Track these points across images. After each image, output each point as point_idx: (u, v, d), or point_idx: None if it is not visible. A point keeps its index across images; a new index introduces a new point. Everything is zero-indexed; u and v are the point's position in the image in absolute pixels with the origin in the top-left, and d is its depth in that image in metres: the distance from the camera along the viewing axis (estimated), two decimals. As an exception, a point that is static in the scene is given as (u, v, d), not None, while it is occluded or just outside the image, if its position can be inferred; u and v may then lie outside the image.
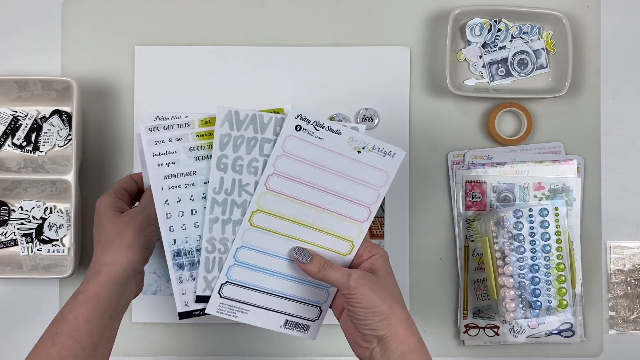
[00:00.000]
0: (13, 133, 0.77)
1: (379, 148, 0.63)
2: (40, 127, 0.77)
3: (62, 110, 0.77)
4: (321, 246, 0.63)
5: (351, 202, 0.63)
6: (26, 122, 0.77)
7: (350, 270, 0.59)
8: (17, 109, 0.77)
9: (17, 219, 0.77)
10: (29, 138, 0.77)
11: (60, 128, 0.77)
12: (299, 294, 0.64)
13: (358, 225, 0.64)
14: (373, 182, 0.63)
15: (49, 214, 0.78)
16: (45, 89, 0.75)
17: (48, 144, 0.77)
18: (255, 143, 0.62)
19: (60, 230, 0.78)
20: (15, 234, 0.77)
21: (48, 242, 0.77)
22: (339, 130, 0.62)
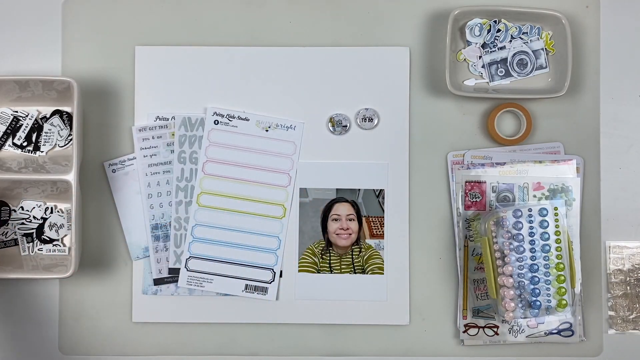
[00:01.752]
0: (14, 133, 0.77)
1: (282, 124, 0.78)
2: (41, 127, 0.77)
3: (63, 111, 0.78)
4: (259, 214, 0.78)
5: (272, 171, 0.78)
6: (27, 122, 0.77)
7: None
8: (18, 109, 0.77)
9: (18, 218, 0.78)
10: (30, 138, 0.77)
11: (60, 128, 0.77)
12: (252, 260, 0.78)
13: (284, 190, 0.78)
14: (285, 152, 0.78)
15: (49, 213, 0.78)
16: (46, 89, 0.75)
17: (49, 144, 0.77)
18: (201, 139, 0.78)
19: (60, 230, 0.78)
20: (15, 234, 0.77)
21: (49, 242, 0.78)
22: (247, 117, 0.78)
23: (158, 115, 0.78)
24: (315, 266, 0.78)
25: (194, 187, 0.78)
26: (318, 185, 0.78)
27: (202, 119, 0.78)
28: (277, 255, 0.78)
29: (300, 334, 0.79)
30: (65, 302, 0.79)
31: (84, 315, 0.79)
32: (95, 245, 0.78)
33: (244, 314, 0.78)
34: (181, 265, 0.77)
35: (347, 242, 0.78)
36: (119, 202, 0.78)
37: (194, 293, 0.78)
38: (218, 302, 0.78)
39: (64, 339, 0.79)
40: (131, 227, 0.78)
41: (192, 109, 0.79)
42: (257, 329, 0.79)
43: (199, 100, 0.79)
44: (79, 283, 0.79)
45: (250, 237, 0.78)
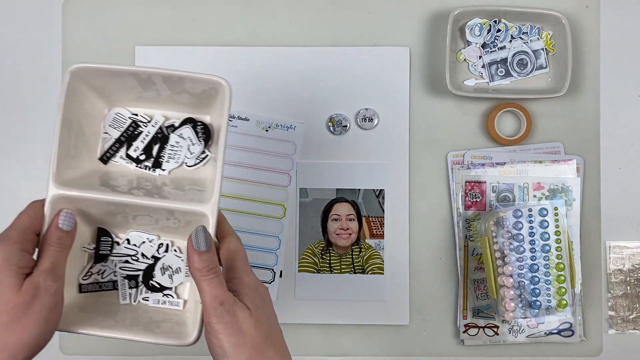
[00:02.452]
0: (129, 142, 0.58)
1: (282, 124, 0.77)
2: (166, 138, 0.58)
3: (197, 120, 0.59)
4: (259, 214, 0.77)
5: (272, 171, 0.78)
6: (148, 130, 0.58)
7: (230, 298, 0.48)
8: (139, 112, 0.59)
9: (122, 254, 0.58)
10: (150, 150, 0.58)
11: (192, 143, 0.58)
12: (252, 260, 0.74)
13: (284, 190, 0.78)
14: (285, 152, 0.78)
15: (163, 252, 0.58)
16: (175, 90, 0.56)
17: (174, 161, 0.58)
18: None
19: (175, 276, 0.58)
20: (115, 274, 0.58)
21: (158, 290, 0.58)
22: (247, 117, 0.77)
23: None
24: (315, 266, 0.78)
25: None
26: (318, 185, 0.78)
27: None
28: (277, 255, 0.78)
29: (300, 334, 0.79)
30: (65, 302, 0.79)
31: (84, 315, 0.79)
32: (95, 245, 0.78)
33: (244, 314, 0.78)
34: None
35: (347, 242, 0.78)
36: (119, 202, 0.78)
37: None
38: (218, 302, 0.78)
39: (64, 339, 0.79)
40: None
41: (192, 109, 0.79)
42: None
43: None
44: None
45: (250, 237, 0.78)
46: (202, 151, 0.58)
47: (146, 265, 0.58)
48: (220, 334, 0.47)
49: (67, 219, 0.52)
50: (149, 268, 0.58)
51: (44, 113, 0.80)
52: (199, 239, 0.49)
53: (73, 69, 0.52)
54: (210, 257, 0.49)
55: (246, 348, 0.47)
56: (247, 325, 0.48)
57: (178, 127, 0.58)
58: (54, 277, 0.48)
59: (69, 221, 0.52)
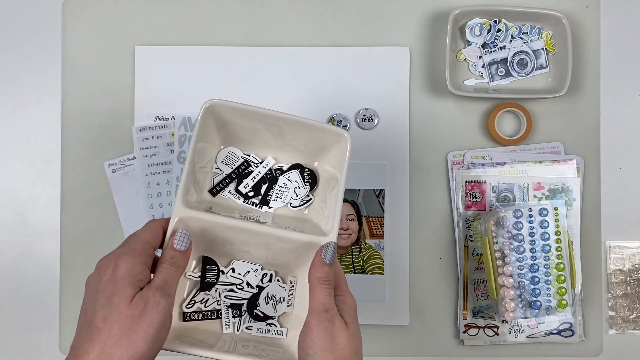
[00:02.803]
0: (239, 179, 0.62)
1: None
2: (275, 179, 0.62)
3: (305, 167, 0.63)
4: None
5: None
6: (259, 170, 0.62)
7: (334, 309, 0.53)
8: (251, 153, 0.63)
9: (227, 283, 0.58)
10: (258, 189, 0.62)
11: (298, 186, 0.63)
12: None
13: None
14: None
15: (267, 282, 0.59)
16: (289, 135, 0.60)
17: (280, 200, 0.62)
18: None
19: (279, 305, 0.59)
20: (219, 303, 0.58)
21: (262, 319, 0.58)
22: None
23: (158, 115, 0.78)
24: (315, 266, 0.78)
25: None
26: (318, 185, 0.78)
27: None
28: None
29: (300, 334, 0.79)
30: (65, 302, 0.79)
31: (83, 315, 0.79)
32: (95, 246, 0.78)
33: (244, 314, 0.78)
34: None
35: (347, 242, 0.78)
36: (118, 202, 0.78)
37: None
38: (218, 302, 0.78)
39: (64, 339, 0.79)
40: (131, 227, 0.78)
41: (192, 109, 0.79)
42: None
43: (199, 100, 0.79)
44: (79, 283, 0.79)
45: (250, 237, 0.78)
46: (307, 195, 0.62)
47: (251, 294, 0.59)
48: (315, 336, 0.51)
49: (182, 239, 0.53)
50: (254, 297, 0.59)
51: (44, 113, 0.80)
52: (327, 253, 0.55)
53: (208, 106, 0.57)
54: (330, 271, 0.55)
55: (333, 356, 0.51)
56: (341, 337, 0.52)
57: (286, 171, 0.63)
58: (163, 294, 0.49)
59: (184, 241, 0.54)
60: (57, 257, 0.79)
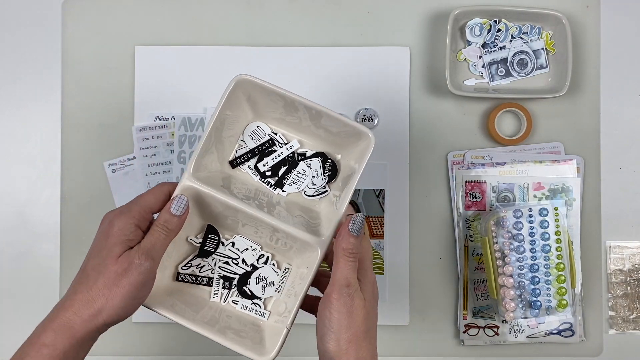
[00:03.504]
0: (261, 156, 0.61)
1: None
2: (295, 164, 0.61)
3: (329, 158, 0.61)
4: None
5: None
6: (282, 151, 0.61)
7: (356, 284, 0.53)
8: (279, 131, 0.62)
9: (224, 255, 0.60)
10: (277, 170, 0.62)
11: (316, 175, 0.61)
12: None
13: None
14: None
15: (262, 263, 0.61)
16: (315, 123, 0.59)
17: (295, 186, 0.61)
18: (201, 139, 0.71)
19: (268, 288, 0.60)
20: (213, 272, 0.60)
21: (249, 297, 0.60)
22: None
23: (158, 115, 0.78)
24: (315, 266, 0.78)
25: None
26: (318, 185, 0.78)
27: (202, 119, 0.78)
28: None
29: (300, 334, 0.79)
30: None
31: (83, 316, 0.79)
32: (95, 245, 0.78)
33: (244, 314, 0.78)
34: None
35: (347, 242, 0.78)
36: (118, 202, 0.78)
37: None
38: (218, 302, 0.78)
39: (63, 339, 0.79)
40: (131, 227, 0.78)
41: (191, 109, 0.79)
42: (257, 329, 0.79)
43: (198, 100, 0.79)
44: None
45: (250, 237, 0.78)
46: (324, 186, 0.61)
47: (244, 271, 0.60)
48: (334, 310, 0.52)
49: (179, 205, 0.54)
50: (246, 274, 0.60)
51: (44, 113, 0.80)
52: (355, 224, 0.54)
53: (238, 79, 0.56)
54: (357, 244, 0.53)
55: (349, 332, 0.52)
56: (358, 314, 0.52)
57: (308, 157, 0.61)
58: (147, 257, 0.52)
59: (181, 207, 0.54)
60: (57, 257, 0.79)
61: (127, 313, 0.52)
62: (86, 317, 0.50)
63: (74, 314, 0.50)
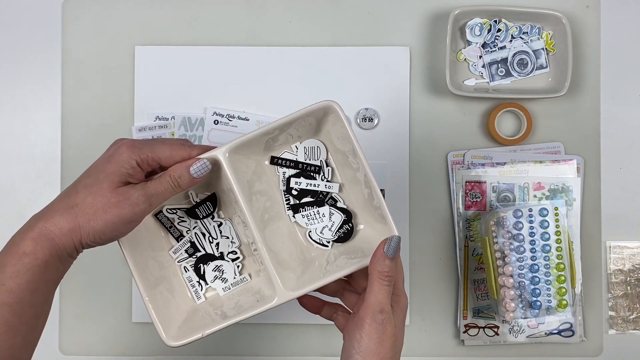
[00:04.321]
0: (299, 174, 0.61)
1: None
2: (322, 204, 0.61)
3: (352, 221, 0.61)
4: None
5: None
6: (319, 184, 0.61)
7: (389, 311, 0.53)
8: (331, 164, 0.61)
9: (206, 227, 0.62)
10: (302, 195, 0.61)
11: (329, 228, 0.61)
12: None
13: None
14: None
15: (230, 258, 0.63)
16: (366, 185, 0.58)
17: (305, 221, 0.61)
18: (201, 138, 0.77)
19: (218, 281, 0.63)
20: (187, 232, 0.62)
21: (197, 275, 0.62)
22: (247, 117, 0.77)
23: (158, 115, 0.78)
24: (315, 266, 0.78)
25: None
26: (318, 185, 0.78)
27: (202, 119, 0.78)
28: None
29: (300, 334, 0.79)
30: (65, 302, 0.79)
31: (84, 315, 0.79)
32: (95, 245, 0.78)
33: (244, 314, 0.78)
34: None
35: (347, 242, 0.78)
36: (119, 202, 0.78)
37: None
38: (218, 302, 0.78)
39: (64, 339, 0.79)
40: (131, 227, 0.78)
41: (192, 109, 0.79)
42: (257, 329, 0.79)
43: (198, 100, 0.79)
44: (79, 283, 0.79)
45: (250, 237, 0.78)
46: (328, 241, 0.61)
47: (211, 253, 0.62)
48: (365, 334, 0.52)
49: (200, 169, 0.54)
50: (210, 257, 0.62)
51: (44, 113, 0.80)
52: (391, 246, 0.53)
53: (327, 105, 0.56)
54: (393, 266, 0.53)
55: (376, 357, 0.51)
56: (388, 341, 0.52)
57: (336, 207, 0.61)
58: (146, 199, 0.52)
59: (201, 171, 0.54)
60: (57, 257, 0.79)
61: (104, 240, 0.52)
62: (65, 230, 0.50)
63: (53, 225, 0.50)
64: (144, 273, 0.57)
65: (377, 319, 0.52)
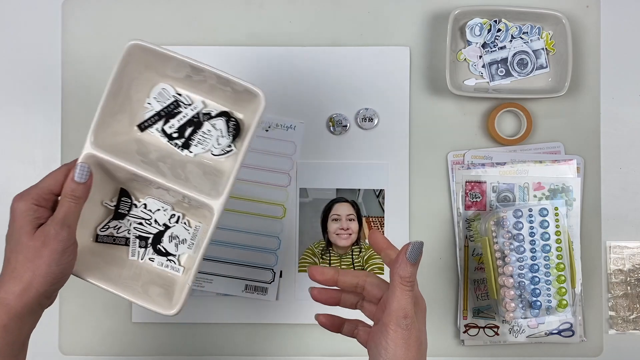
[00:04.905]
0: (167, 118, 0.63)
1: (282, 124, 0.77)
2: (200, 124, 0.63)
3: (232, 116, 0.63)
4: (259, 214, 0.77)
5: (272, 171, 0.77)
6: (186, 112, 0.63)
7: (413, 316, 0.52)
8: (183, 92, 0.63)
9: (137, 217, 0.64)
10: (183, 131, 0.63)
11: (221, 135, 0.63)
12: (252, 260, 0.77)
13: (284, 190, 0.78)
14: (285, 152, 0.78)
15: (174, 222, 0.65)
16: (222, 83, 0.60)
17: (201, 146, 0.64)
18: None
19: (181, 245, 0.65)
20: (129, 233, 0.64)
21: (164, 255, 0.65)
22: None
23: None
24: (315, 266, 0.78)
25: None
26: (318, 185, 0.78)
27: None
28: (277, 255, 0.78)
29: (300, 334, 0.79)
30: (65, 302, 0.79)
31: (84, 315, 0.79)
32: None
33: (244, 314, 0.78)
34: None
35: (347, 242, 0.78)
36: (119, 202, 0.78)
37: (193, 293, 0.78)
38: (218, 302, 0.78)
39: (64, 339, 0.79)
40: (131, 227, 0.78)
41: (192, 109, 0.79)
42: (257, 329, 0.79)
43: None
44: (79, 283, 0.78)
45: (250, 237, 0.78)
46: (229, 145, 0.64)
47: (157, 230, 0.64)
48: (390, 340, 0.51)
49: (81, 172, 0.57)
50: (159, 234, 0.64)
51: (44, 113, 0.80)
52: (413, 252, 0.52)
53: (130, 46, 0.57)
54: (414, 272, 0.52)
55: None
56: (413, 345, 0.52)
57: (213, 117, 0.63)
58: (63, 226, 0.55)
59: (83, 174, 0.57)
60: (57, 257, 0.79)
61: (57, 279, 0.55)
62: (18, 292, 0.53)
63: (5, 292, 0.53)
64: (129, 288, 0.60)
65: (402, 325, 0.51)
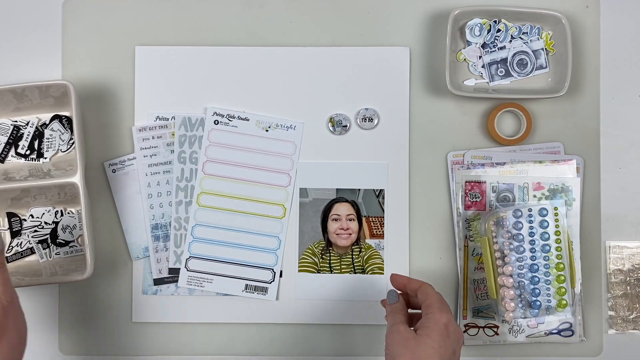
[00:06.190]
0: (16, 143, 0.77)
1: (282, 124, 0.78)
2: (42, 134, 0.77)
3: (62, 115, 0.77)
4: (259, 214, 0.77)
5: (272, 171, 0.78)
6: (28, 131, 0.76)
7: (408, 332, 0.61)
8: (17, 119, 0.77)
9: (30, 227, 0.76)
10: (32, 146, 0.77)
11: (61, 132, 0.77)
12: (252, 260, 0.77)
13: (284, 190, 0.78)
14: (285, 152, 0.78)
15: (60, 216, 0.77)
16: (43, 96, 0.75)
17: (52, 149, 0.76)
18: (201, 139, 0.78)
19: (74, 231, 0.77)
20: (30, 242, 0.76)
21: (65, 245, 0.77)
22: (247, 117, 0.78)
23: (158, 115, 0.78)
24: (315, 266, 0.78)
25: (194, 187, 0.78)
26: (318, 185, 0.79)
27: (202, 119, 0.78)
28: (277, 255, 0.78)
29: (300, 334, 0.79)
30: (65, 303, 0.79)
31: (84, 315, 0.79)
32: (95, 245, 0.78)
33: (244, 314, 0.78)
34: (181, 265, 0.78)
35: (347, 242, 0.78)
36: (119, 202, 0.78)
37: (194, 293, 0.78)
38: (218, 302, 0.78)
39: (64, 339, 0.79)
40: (131, 227, 0.78)
41: (192, 109, 0.79)
42: (257, 329, 0.79)
43: (199, 100, 0.79)
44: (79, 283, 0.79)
45: (250, 237, 0.78)
46: (70, 137, 0.77)
47: (50, 229, 0.76)
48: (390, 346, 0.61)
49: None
50: (53, 230, 0.76)
51: (44, 113, 0.80)
52: (389, 296, 0.67)
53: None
54: (395, 307, 0.65)
55: None
56: (430, 354, 0.58)
57: (49, 124, 0.77)
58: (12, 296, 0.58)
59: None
60: (57, 257, 0.79)
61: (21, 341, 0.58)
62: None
63: None
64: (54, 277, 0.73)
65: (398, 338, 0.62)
